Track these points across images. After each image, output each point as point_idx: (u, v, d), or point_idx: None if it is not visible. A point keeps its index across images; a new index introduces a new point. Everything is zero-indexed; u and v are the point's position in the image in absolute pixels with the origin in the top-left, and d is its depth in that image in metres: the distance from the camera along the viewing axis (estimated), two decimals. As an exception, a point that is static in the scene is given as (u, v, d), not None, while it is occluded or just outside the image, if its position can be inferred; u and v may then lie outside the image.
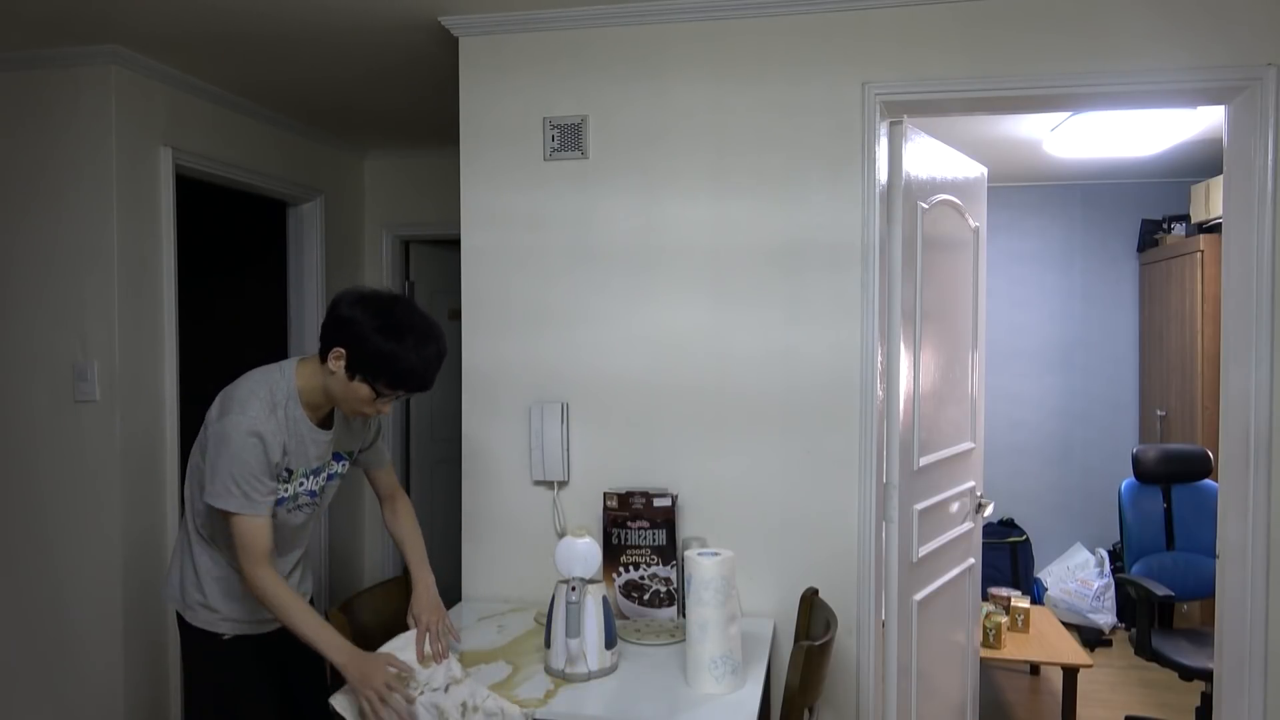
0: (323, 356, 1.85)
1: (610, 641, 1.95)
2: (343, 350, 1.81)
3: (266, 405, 1.83)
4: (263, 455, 1.80)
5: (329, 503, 2.14)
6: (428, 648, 1.91)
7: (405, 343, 1.80)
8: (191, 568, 1.96)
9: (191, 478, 1.93)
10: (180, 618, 1.99)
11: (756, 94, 2.40)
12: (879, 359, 2.38)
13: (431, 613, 2.00)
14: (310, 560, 2.19)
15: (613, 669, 1.97)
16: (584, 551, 1.94)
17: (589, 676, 1.91)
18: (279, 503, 1.89)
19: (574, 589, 1.93)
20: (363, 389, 1.83)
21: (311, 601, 2.17)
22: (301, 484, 1.94)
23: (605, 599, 1.96)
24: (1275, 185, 2.20)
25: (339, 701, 1.81)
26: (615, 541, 2.35)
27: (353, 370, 1.81)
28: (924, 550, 2.65)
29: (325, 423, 1.97)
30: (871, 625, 2.39)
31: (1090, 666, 3.55)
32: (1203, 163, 4.61)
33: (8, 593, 2.90)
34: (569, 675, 1.91)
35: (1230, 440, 2.33)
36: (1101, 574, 4.71)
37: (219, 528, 1.90)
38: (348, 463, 2.09)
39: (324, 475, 2.01)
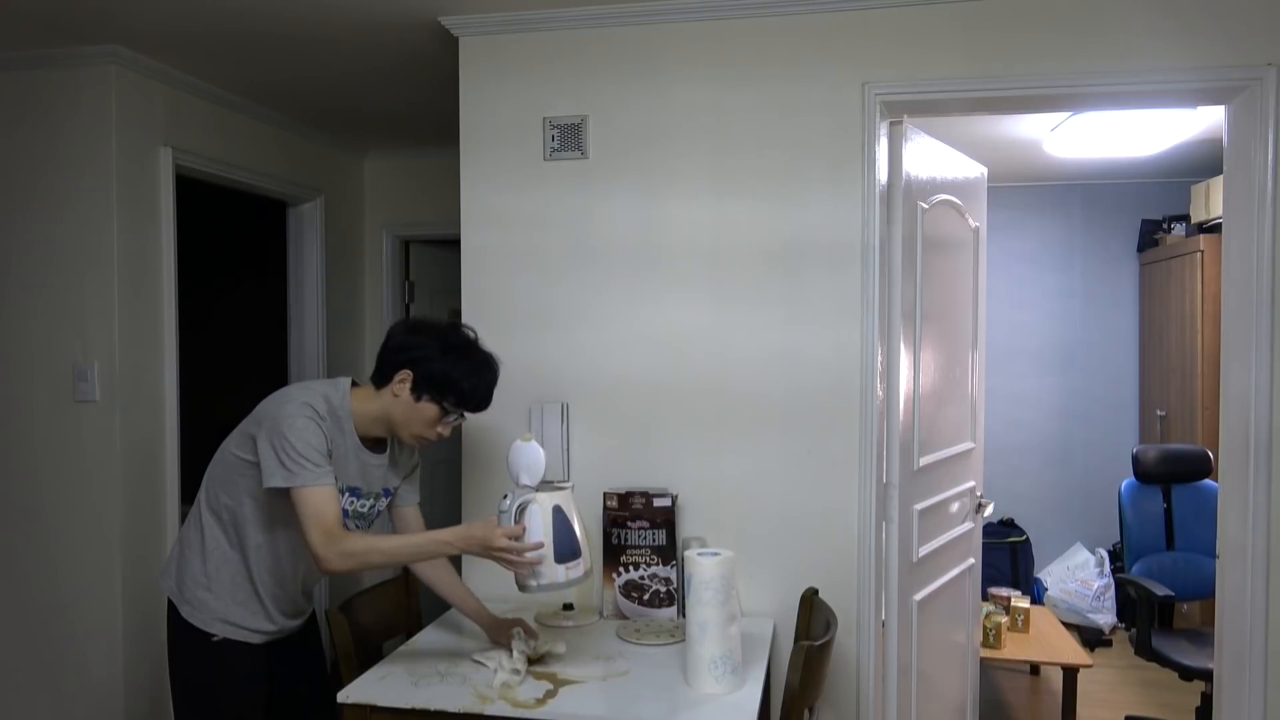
0: (382, 382, 1.91)
1: (566, 555, 1.78)
2: (409, 372, 1.87)
3: (324, 407, 1.87)
4: (323, 436, 1.83)
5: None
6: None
7: (471, 359, 1.90)
8: (200, 562, 1.94)
9: (224, 476, 1.92)
10: (174, 610, 1.97)
11: (756, 94, 2.40)
12: (879, 359, 2.38)
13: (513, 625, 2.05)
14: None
15: (573, 582, 1.83)
16: (527, 457, 1.83)
17: (539, 589, 1.81)
18: None
19: (505, 496, 1.83)
20: (430, 409, 1.89)
21: (311, 615, 2.16)
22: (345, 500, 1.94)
23: (560, 508, 1.80)
24: (1275, 185, 2.20)
25: (482, 657, 1.95)
26: (615, 541, 2.35)
27: (419, 391, 1.88)
28: (924, 550, 2.65)
29: (376, 449, 1.99)
30: (871, 625, 2.39)
31: (1090, 666, 3.55)
32: (1203, 163, 4.60)
33: (7, 593, 2.90)
34: (523, 587, 1.84)
35: (1230, 440, 2.33)
36: (1101, 574, 4.71)
37: (255, 527, 1.91)
38: (391, 497, 2.09)
39: (370, 504, 2.01)
